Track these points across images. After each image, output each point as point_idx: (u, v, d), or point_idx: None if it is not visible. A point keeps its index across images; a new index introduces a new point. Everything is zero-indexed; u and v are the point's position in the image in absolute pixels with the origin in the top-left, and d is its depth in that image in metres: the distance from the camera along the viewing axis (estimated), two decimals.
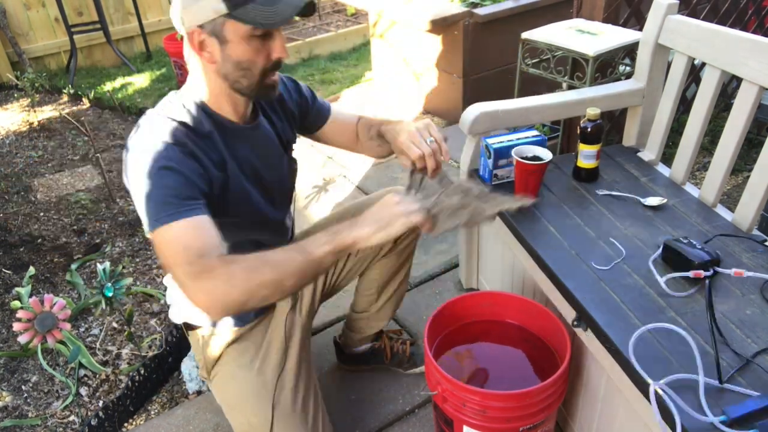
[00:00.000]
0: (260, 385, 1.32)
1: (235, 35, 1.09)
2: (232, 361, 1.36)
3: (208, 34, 1.11)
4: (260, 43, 1.11)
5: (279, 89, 1.23)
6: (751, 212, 1.48)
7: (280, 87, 1.32)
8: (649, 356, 1.12)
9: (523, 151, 1.61)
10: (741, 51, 1.47)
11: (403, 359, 1.78)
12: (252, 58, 1.12)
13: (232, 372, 1.35)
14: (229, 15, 1.07)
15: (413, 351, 1.80)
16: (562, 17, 2.50)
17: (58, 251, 2.48)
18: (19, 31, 4.50)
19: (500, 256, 1.81)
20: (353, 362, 1.82)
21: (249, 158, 1.26)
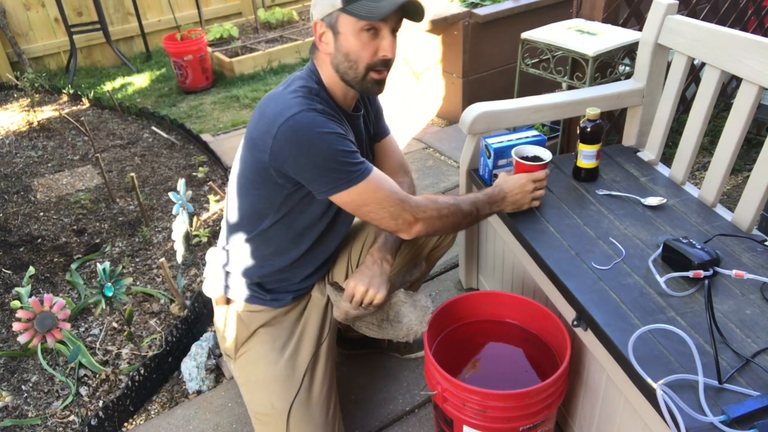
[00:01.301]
0: (290, 370, 1.36)
1: (347, 28, 1.20)
2: (265, 343, 1.40)
3: (327, 26, 1.24)
4: (369, 39, 1.20)
5: (385, 86, 1.30)
6: (751, 212, 1.48)
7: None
8: (649, 356, 1.12)
9: (522, 151, 1.58)
10: (741, 51, 1.47)
11: (400, 345, 1.82)
12: (359, 52, 1.21)
13: (264, 353, 1.39)
14: (343, 9, 1.18)
15: None
16: (562, 17, 2.50)
17: (58, 251, 2.48)
18: (18, 31, 4.50)
19: (500, 256, 1.81)
20: (351, 347, 1.84)
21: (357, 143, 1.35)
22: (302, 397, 1.35)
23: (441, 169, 2.96)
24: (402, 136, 3.32)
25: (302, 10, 5.46)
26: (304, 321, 1.46)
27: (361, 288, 1.31)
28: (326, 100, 1.28)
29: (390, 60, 1.24)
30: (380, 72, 1.25)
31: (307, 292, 1.49)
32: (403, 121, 3.51)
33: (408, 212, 1.28)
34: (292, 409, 1.34)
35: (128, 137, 3.50)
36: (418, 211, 1.29)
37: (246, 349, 1.42)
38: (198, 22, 5.13)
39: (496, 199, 1.44)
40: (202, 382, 1.79)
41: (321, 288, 1.50)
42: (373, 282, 1.32)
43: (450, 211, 1.33)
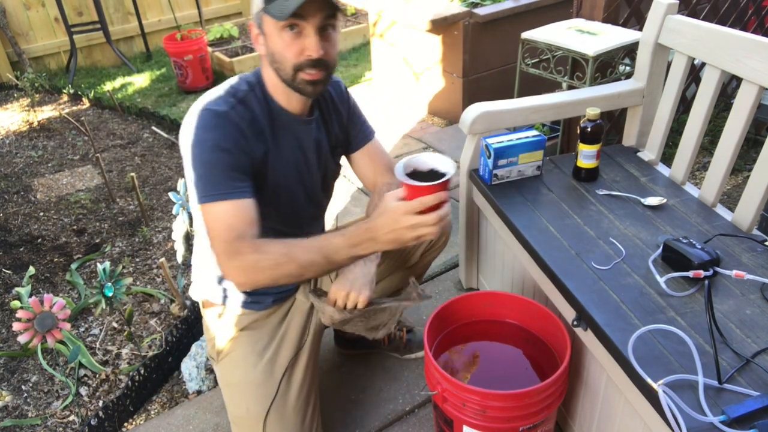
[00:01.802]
0: (268, 374, 1.34)
1: (270, 28, 1.17)
2: (245, 346, 1.38)
3: (257, 27, 1.21)
4: (291, 38, 1.16)
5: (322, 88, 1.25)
6: (751, 212, 1.48)
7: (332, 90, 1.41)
8: (649, 356, 1.12)
9: (416, 163, 1.16)
10: (741, 51, 1.47)
11: (400, 345, 1.81)
12: (282, 52, 1.17)
13: (243, 356, 1.37)
14: (264, 9, 1.16)
15: (410, 338, 1.83)
16: (562, 17, 2.50)
17: (58, 251, 2.48)
18: (19, 31, 4.50)
19: (500, 256, 1.81)
20: (350, 347, 1.84)
21: (294, 151, 1.32)
22: (278, 402, 1.33)
23: None
24: (402, 136, 3.32)
25: None
26: (286, 325, 1.43)
27: (342, 292, 1.27)
28: (259, 102, 1.25)
29: (319, 60, 1.17)
30: (311, 73, 1.19)
31: (290, 295, 1.46)
32: (402, 120, 3.51)
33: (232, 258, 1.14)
34: (268, 413, 1.32)
35: (128, 137, 3.50)
36: (237, 258, 1.13)
37: (227, 352, 1.40)
38: (198, 21, 5.13)
39: (362, 239, 1.12)
40: (202, 382, 1.79)
41: (305, 291, 1.48)
42: (355, 284, 1.28)
43: (275, 263, 1.14)
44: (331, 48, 1.20)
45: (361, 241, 1.12)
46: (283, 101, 1.28)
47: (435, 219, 1.06)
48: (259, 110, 1.25)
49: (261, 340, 1.39)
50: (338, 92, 1.45)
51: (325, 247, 1.14)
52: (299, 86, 1.21)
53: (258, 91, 1.26)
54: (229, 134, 1.17)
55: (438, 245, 1.62)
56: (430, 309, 1.96)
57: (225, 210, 1.15)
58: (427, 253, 1.62)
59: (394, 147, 3.20)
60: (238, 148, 1.18)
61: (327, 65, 1.20)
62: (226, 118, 1.18)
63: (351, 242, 1.13)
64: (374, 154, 1.51)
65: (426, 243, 1.58)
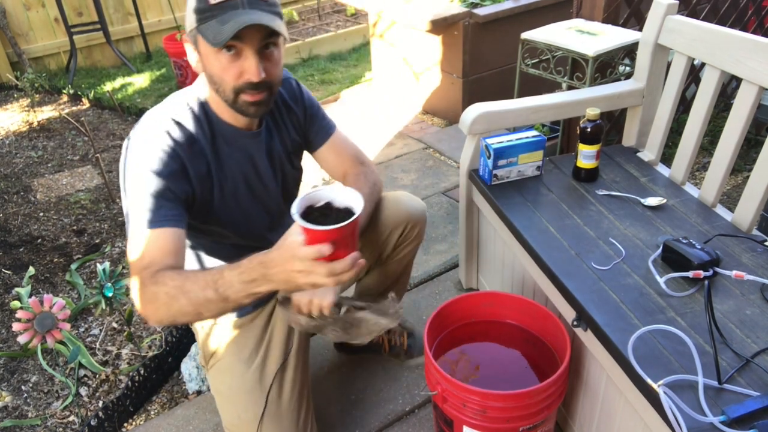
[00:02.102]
0: (256, 381, 1.33)
1: (205, 49, 1.11)
2: (231, 354, 1.37)
3: (192, 44, 1.15)
4: (229, 61, 1.09)
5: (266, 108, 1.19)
6: (751, 212, 1.48)
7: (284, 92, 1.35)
8: (649, 356, 1.12)
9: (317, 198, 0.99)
10: (741, 51, 1.47)
11: (400, 351, 1.80)
12: (220, 75, 1.11)
13: (230, 364, 1.36)
14: (197, 29, 1.09)
15: (410, 343, 1.81)
16: (562, 17, 2.50)
17: (57, 251, 2.48)
18: (18, 32, 4.50)
19: (500, 256, 1.81)
20: (351, 351, 1.83)
21: (242, 166, 1.27)
22: (270, 408, 1.31)
23: (441, 169, 2.95)
24: (402, 136, 3.32)
25: (302, 10, 5.46)
26: (271, 328, 1.40)
27: (304, 298, 1.22)
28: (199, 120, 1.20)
29: (260, 82, 1.10)
30: (252, 94, 1.13)
31: (271, 297, 1.43)
32: (402, 121, 3.51)
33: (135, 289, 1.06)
34: (261, 420, 1.30)
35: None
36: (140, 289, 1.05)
37: (215, 359, 1.39)
38: None
39: (255, 275, 0.97)
40: (202, 383, 1.79)
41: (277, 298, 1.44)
42: (317, 290, 1.22)
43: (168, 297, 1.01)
44: (273, 67, 1.14)
45: (254, 277, 0.97)
46: (227, 117, 1.23)
47: (325, 272, 0.90)
48: (199, 129, 1.19)
49: (247, 347, 1.36)
50: (290, 91, 1.39)
51: (218, 282, 0.99)
52: (241, 108, 1.16)
53: (198, 109, 1.21)
54: (157, 160, 1.12)
55: (411, 237, 1.55)
56: (430, 309, 1.96)
57: (141, 238, 1.09)
58: (400, 246, 1.55)
59: (394, 147, 3.20)
60: (166, 174, 1.12)
61: (270, 86, 1.14)
62: (155, 144, 1.13)
63: (244, 277, 0.98)
64: (338, 146, 1.46)
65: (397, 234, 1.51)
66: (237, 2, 1.06)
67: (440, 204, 2.65)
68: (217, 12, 1.06)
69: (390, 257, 1.57)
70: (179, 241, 1.11)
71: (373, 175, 1.46)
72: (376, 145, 3.23)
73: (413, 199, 1.57)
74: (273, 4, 1.10)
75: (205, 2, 1.06)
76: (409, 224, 1.53)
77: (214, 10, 1.06)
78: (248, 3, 1.06)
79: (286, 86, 1.38)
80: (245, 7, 1.06)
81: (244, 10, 1.06)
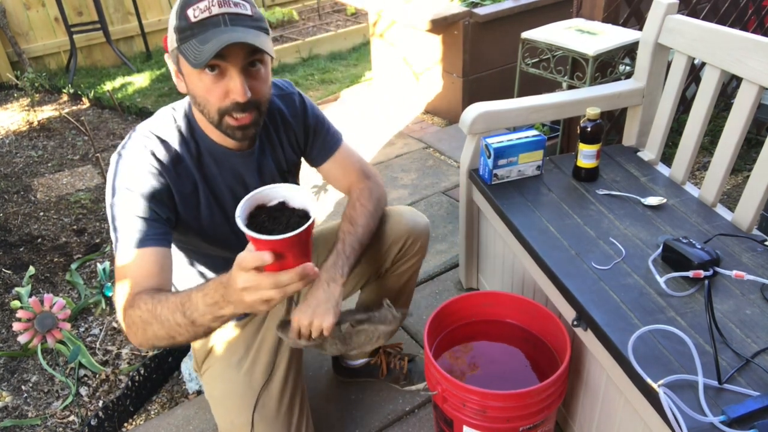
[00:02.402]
0: (246, 385, 1.31)
1: (187, 69, 1.06)
2: (222, 359, 1.36)
3: (174, 63, 1.11)
4: (213, 81, 1.04)
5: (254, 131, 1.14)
6: (751, 212, 1.48)
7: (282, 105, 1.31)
8: (649, 356, 1.12)
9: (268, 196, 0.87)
10: (741, 50, 1.47)
11: (399, 376, 1.74)
12: (204, 95, 1.07)
13: (220, 369, 1.35)
14: (178, 48, 1.04)
15: (411, 368, 1.74)
16: (562, 17, 2.50)
17: (58, 251, 2.48)
18: (19, 31, 4.50)
19: (500, 256, 1.81)
20: (348, 375, 1.78)
21: (231, 184, 1.24)
22: (261, 413, 1.30)
23: (441, 168, 2.95)
24: (402, 136, 3.32)
25: (302, 10, 5.46)
26: (263, 333, 1.39)
27: (305, 321, 1.20)
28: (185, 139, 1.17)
29: (247, 102, 1.05)
30: (238, 117, 1.08)
31: None
32: (403, 120, 3.51)
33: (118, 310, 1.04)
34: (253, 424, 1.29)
35: None
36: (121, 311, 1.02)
37: (207, 365, 1.38)
38: None
39: (217, 297, 0.88)
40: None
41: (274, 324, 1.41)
42: (318, 311, 1.20)
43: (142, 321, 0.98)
44: (261, 85, 1.09)
45: (216, 299, 0.88)
46: (215, 137, 1.18)
47: (270, 284, 0.78)
48: (185, 148, 1.16)
49: (237, 352, 1.35)
50: (291, 108, 1.33)
51: (185, 305, 0.93)
52: (227, 131, 1.11)
53: (185, 127, 1.17)
54: (141, 181, 1.09)
55: (412, 252, 1.51)
56: (430, 309, 1.96)
57: (124, 259, 1.06)
58: (400, 261, 1.51)
59: (394, 147, 3.20)
60: (150, 195, 1.10)
61: (257, 105, 1.09)
62: (139, 163, 1.11)
63: (207, 300, 0.90)
64: (343, 161, 1.43)
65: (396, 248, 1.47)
66: (218, 19, 1.01)
67: (440, 204, 2.65)
68: (198, 30, 1.01)
69: (389, 271, 1.54)
70: (163, 260, 1.09)
71: (378, 190, 1.43)
72: (376, 145, 3.23)
73: (416, 214, 1.53)
74: (258, 19, 1.06)
75: (185, 20, 1.02)
76: (410, 239, 1.49)
77: (195, 29, 1.01)
78: (230, 20, 1.01)
79: (288, 102, 1.34)
80: (227, 24, 1.01)
81: (226, 28, 1.01)
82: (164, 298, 0.97)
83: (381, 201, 1.43)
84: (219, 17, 1.01)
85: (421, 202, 2.66)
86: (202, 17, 1.00)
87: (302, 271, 0.78)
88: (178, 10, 1.04)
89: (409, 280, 1.61)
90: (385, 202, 1.46)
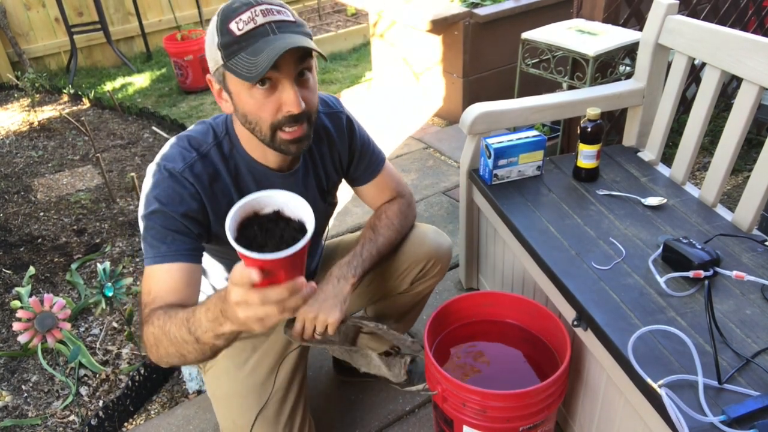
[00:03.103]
0: (250, 386, 1.31)
1: (236, 87, 1.03)
2: (227, 358, 1.35)
3: (218, 83, 1.07)
4: (264, 96, 1.01)
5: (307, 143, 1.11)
6: (751, 212, 1.48)
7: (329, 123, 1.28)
8: (649, 356, 1.12)
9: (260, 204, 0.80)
10: (741, 51, 1.47)
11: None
12: (256, 112, 1.03)
13: (225, 368, 1.35)
14: (225, 66, 1.01)
15: (411, 368, 1.73)
16: (562, 17, 2.50)
17: (58, 251, 2.48)
18: (19, 31, 4.50)
19: (500, 256, 1.81)
20: (349, 374, 1.77)
21: None
22: (264, 414, 1.29)
23: (441, 169, 2.96)
24: (402, 136, 3.32)
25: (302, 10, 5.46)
26: (271, 335, 1.38)
27: (310, 314, 1.17)
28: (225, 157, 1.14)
29: (300, 114, 1.02)
30: (291, 131, 1.05)
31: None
32: (403, 120, 3.51)
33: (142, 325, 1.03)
34: (254, 426, 1.28)
35: (128, 137, 3.50)
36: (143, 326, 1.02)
37: (211, 364, 1.37)
38: (198, 21, 5.13)
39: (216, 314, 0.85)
40: (203, 382, 1.79)
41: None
42: (324, 306, 1.18)
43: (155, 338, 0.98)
44: (311, 95, 1.06)
45: (216, 315, 0.85)
46: (257, 155, 1.16)
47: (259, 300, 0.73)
48: (224, 165, 1.14)
49: (244, 352, 1.35)
50: (338, 128, 1.31)
51: (190, 321, 0.91)
52: (281, 147, 1.08)
53: (226, 145, 1.15)
54: (176, 194, 1.08)
55: (431, 274, 1.49)
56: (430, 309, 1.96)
57: (151, 274, 1.06)
58: (418, 282, 1.49)
59: (395, 147, 3.20)
60: (183, 211, 1.08)
61: (309, 117, 1.06)
62: (175, 178, 1.08)
63: (209, 315, 0.87)
64: (383, 182, 1.41)
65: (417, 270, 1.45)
66: (265, 29, 0.97)
67: (440, 204, 2.65)
68: (246, 43, 0.97)
69: (404, 292, 1.52)
70: (189, 275, 1.08)
71: (408, 210, 1.42)
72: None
73: (440, 235, 1.50)
74: (301, 25, 1.03)
75: (229, 35, 0.98)
76: (430, 261, 1.47)
77: (242, 41, 0.97)
78: (278, 28, 0.98)
79: (335, 121, 1.30)
80: (275, 32, 0.97)
81: (275, 36, 0.97)
82: (174, 313, 0.95)
83: (408, 219, 1.43)
84: (266, 26, 0.98)
85: (421, 202, 2.66)
86: (248, 29, 0.97)
87: (293, 287, 0.73)
88: (218, 25, 1.01)
89: (422, 300, 1.61)
90: (412, 222, 1.45)
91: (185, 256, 1.08)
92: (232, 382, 1.33)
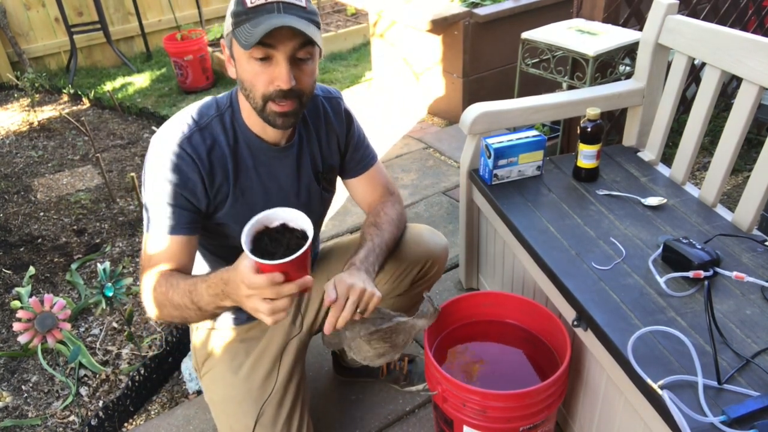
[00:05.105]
0: (245, 392, 1.31)
1: (239, 54, 1.10)
2: (223, 363, 1.35)
3: (228, 48, 1.14)
4: (261, 67, 1.08)
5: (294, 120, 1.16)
6: (751, 212, 1.48)
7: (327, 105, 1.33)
8: (649, 356, 1.12)
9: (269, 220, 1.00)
10: (741, 51, 1.47)
11: (399, 376, 1.73)
12: (251, 81, 1.10)
13: (221, 373, 1.35)
14: (232, 32, 1.08)
15: (411, 368, 1.74)
16: (562, 17, 2.50)
17: (58, 251, 2.48)
18: (19, 31, 4.50)
19: (500, 256, 1.81)
20: (349, 374, 1.78)
21: (263, 179, 1.25)
22: (261, 419, 1.29)
23: (441, 169, 2.96)
24: (402, 136, 3.32)
25: None
26: (267, 340, 1.38)
27: (360, 284, 1.13)
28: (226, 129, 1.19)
29: (290, 90, 1.08)
30: (281, 104, 1.10)
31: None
32: (403, 120, 3.51)
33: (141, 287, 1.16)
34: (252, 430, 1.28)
35: (128, 137, 3.50)
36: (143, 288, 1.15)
37: (208, 368, 1.38)
38: (198, 21, 5.13)
39: (218, 290, 1.01)
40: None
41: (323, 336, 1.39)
42: (368, 282, 1.16)
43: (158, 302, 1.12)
44: (306, 77, 1.11)
45: (216, 292, 1.01)
46: (257, 129, 1.21)
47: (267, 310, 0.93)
48: (224, 138, 1.19)
49: (238, 357, 1.35)
50: (337, 112, 1.35)
51: (192, 293, 1.05)
52: (268, 117, 1.13)
53: (228, 117, 1.20)
54: (174, 166, 1.13)
55: (430, 275, 1.50)
56: None
57: (153, 242, 1.15)
58: (417, 283, 1.49)
59: (394, 147, 3.20)
60: (182, 183, 1.14)
61: (299, 95, 1.11)
62: (173, 149, 1.14)
63: (210, 291, 1.02)
64: (373, 178, 1.44)
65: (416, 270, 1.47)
66: (273, 6, 1.04)
67: (440, 204, 2.65)
68: (252, 15, 1.04)
69: (403, 294, 1.50)
70: (189, 246, 1.17)
71: (400, 207, 1.44)
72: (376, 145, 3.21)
73: (435, 235, 1.52)
74: (311, 12, 1.08)
75: (242, 5, 1.05)
76: (428, 261, 1.47)
77: (249, 14, 1.05)
78: (284, 8, 1.05)
79: (333, 105, 1.35)
80: (281, 11, 1.05)
81: (279, 14, 1.04)
82: (176, 282, 1.09)
83: (403, 217, 1.44)
84: (273, 4, 1.05)
85: (421, 202, 2.66)
86: (258, 3, 1.05)
87: (302, 283, 0.93)
88: None
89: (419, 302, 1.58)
90: (405, 220, 1.45)
91: (185, 228, 1.16)
92: (227, 387, 1.32)
